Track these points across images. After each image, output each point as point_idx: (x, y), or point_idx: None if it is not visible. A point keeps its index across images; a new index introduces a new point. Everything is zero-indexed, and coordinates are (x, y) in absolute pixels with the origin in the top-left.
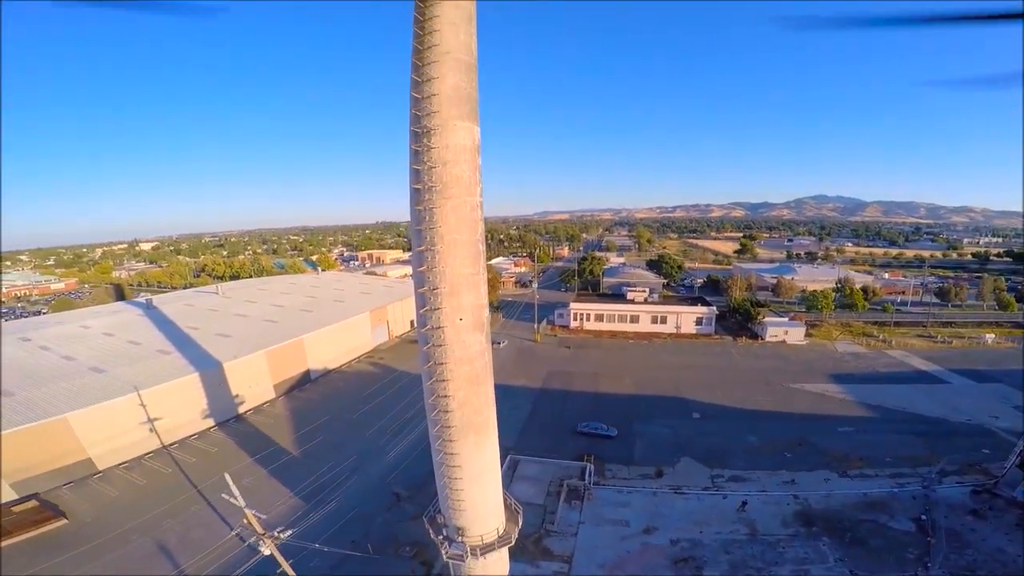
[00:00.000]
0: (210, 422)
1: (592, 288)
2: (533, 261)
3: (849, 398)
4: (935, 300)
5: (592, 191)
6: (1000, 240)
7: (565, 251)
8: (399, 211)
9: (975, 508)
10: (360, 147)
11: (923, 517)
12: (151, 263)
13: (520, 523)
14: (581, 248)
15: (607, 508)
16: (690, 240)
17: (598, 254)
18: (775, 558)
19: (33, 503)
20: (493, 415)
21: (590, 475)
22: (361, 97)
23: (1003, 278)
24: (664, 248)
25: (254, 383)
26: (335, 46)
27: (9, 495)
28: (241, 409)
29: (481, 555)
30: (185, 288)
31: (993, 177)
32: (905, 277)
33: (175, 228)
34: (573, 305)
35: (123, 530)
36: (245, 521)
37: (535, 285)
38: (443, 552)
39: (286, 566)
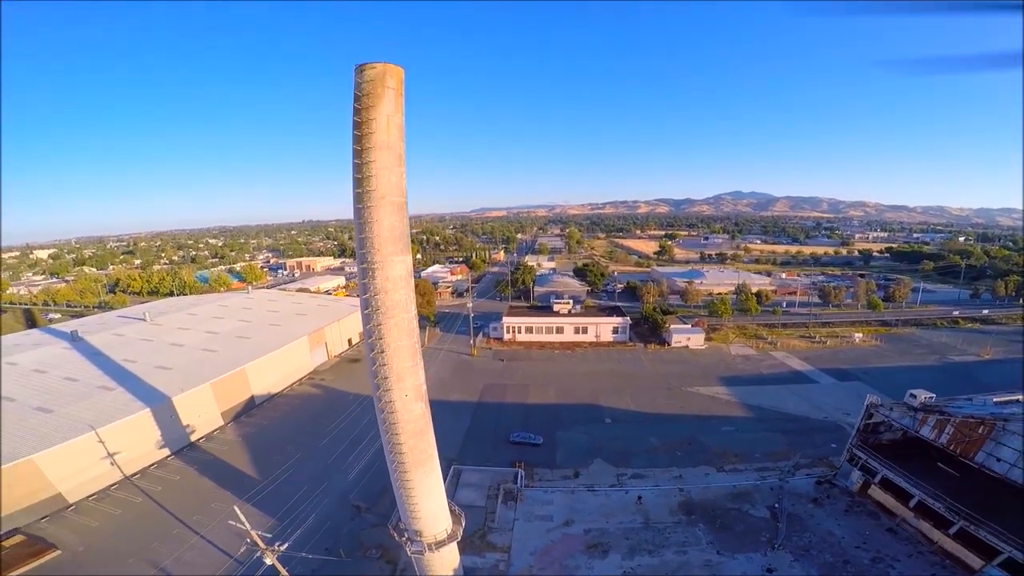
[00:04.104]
0: (166, 452)
1: (524, 298)
2: (469, 268)
3: (734, 399)
4: (818, 301)
5: (529, 188)
6: (887, 235)
7: (501, 255)
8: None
9: (816, 497)
10: (282, 140)
11: (775, 505)
12: (52, 275)
13: (463, 524)
14: (515, 252)
15: (536, 506)
16: (616, 239)
17: (530, 262)
18: (662, 541)
19: (20, 537)
20: (434, 452)
21: (521, 479)
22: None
23: (874, 281)
24: (592, 249)
25: (202, 412)
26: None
27: None
28: (193, 437)
29: (436, 549)
30: (99, 307)
31: (885, 173)
32: (799, 276)
33: (71, 231)
34: (506, 319)
35: (119, 556)
36: (248, 540)
37: (470, 304)
38: (407, 549)
39: (285, 573)
